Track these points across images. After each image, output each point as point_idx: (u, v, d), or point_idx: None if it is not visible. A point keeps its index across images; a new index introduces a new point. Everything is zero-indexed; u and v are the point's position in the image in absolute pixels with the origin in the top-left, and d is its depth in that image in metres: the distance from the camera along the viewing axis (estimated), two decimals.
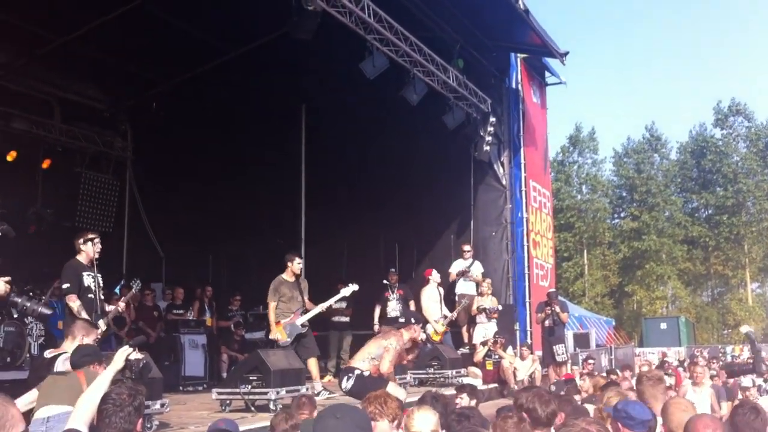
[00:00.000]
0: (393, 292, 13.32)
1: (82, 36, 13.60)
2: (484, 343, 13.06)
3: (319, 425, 2.84)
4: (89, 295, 7.75)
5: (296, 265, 10.47)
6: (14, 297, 5.38)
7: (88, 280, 7.81)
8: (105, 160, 17.01)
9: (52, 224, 15.03)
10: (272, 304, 10.27)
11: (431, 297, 12.79)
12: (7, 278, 4.56)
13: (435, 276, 12.86)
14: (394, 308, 13.26)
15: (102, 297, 8.04)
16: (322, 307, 10.40)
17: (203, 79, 15.66)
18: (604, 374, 12.58)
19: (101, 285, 8.00)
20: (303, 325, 10.16)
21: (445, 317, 12.87)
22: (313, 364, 10.22)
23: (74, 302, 7.56)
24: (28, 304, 6.14)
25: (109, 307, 8.28)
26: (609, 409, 4.80)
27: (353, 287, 10.68)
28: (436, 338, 12.64)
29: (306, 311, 10.27)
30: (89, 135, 16.51)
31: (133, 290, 9.36)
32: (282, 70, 14.73)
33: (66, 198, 15.87)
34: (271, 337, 10.42)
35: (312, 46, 11.26)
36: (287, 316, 10.20)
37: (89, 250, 7.89)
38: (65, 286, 7.69)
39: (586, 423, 3.12)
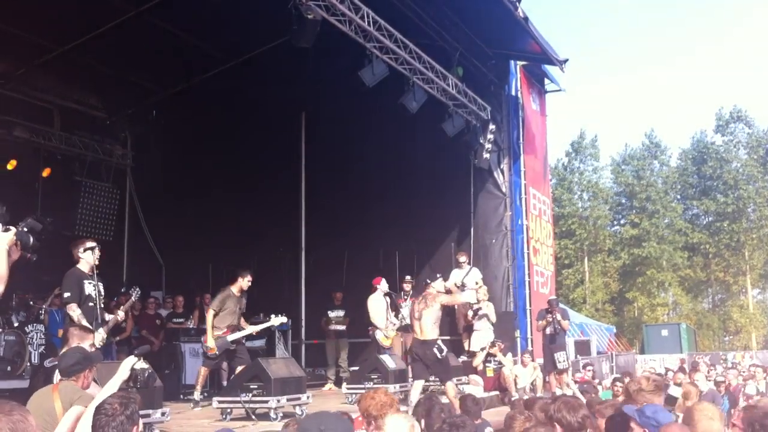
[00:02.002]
0: (406, 300, 13.22)
1: (82, 45, 13.64)
2: (483, 349, 13.04)
3: None
4: (90, 304, 7.74)
5: (246, 282, 10.58)
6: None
7: (88, 288, 7.79)
8: (105, 168, 17.02)
9: (51, 233, 14.99)
10: (212, 312, 10.35)
11: (378, 305, 12.69)
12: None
13: (383, 285, 12.72)
14: (406, 316, 13.15)
15: (102, 305, 8.03)
16: (248, 330, 10.68)
17: (203, 87, 15.69)
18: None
19: (102, 293, 7.99)
20: (232, 342, 10.26)
21: (393, 324, 12.74)
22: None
23: (74, 311, 7.55)
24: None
25: (109, 316, 8.27)
26: (631, 412, 4.74)
27: (282, 318, 11.02)
28: (387, 343, 12.52)
29: (238, 329, 10.40)
30: (89, 143, 16.54)
31: (133, 298, 9.35)
32: (281, 78, 14.75)
33: (66, 206, 15.87)
34: (204, 345, 10.43)
35: (312, 54, 11.30)
36: (221, 329, 10.27)
37: (89, 258, 7.89)
38: (66, 295, 7.68)
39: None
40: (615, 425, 4.88)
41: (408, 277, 13.65)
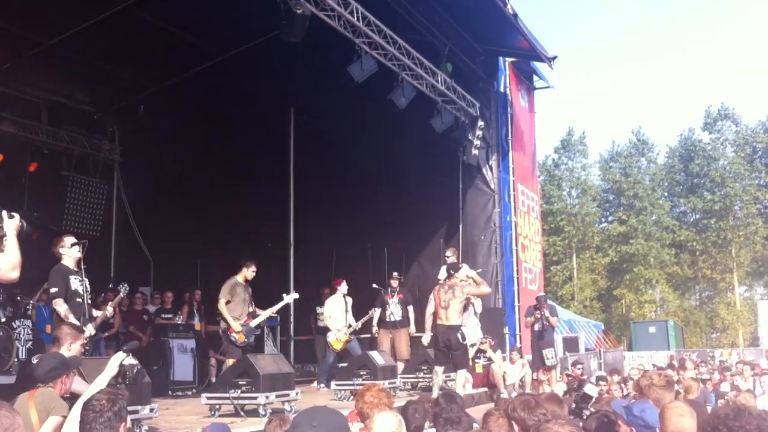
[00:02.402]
0: (393, 296, 13.23)
1: (70, 39, 13.54)
2: (472, 345, 13.05)
3: None
4: (77, 299, 7.69)
5: (250, 272, 10.91)
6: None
7: (75, 283, 7.74)
8: (92, 163, 16.91)
9: (39, 228, 14.91)
10: (222, 301, 10.64)
11: (337, 306, 12.70)
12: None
13: (343, 287, 12.74)
14: (394, 312, 13.15)
15: (90, 301, 7.98)
16: (267, 313, 10.99)
17: (191, 82, 15.63)
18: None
19: (89, 289, 7.94)
20: (256, 328, 10.72)
21: (350, 326, 12.74)
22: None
23: (61, 306, 7.50)
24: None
25: (96, 313, 8.22)
26: (618, 408, 4.73)
27: (294, 295, 11.33)
28: (337, 346, 12.52)
29: (255, 315, 10.80)
30: (76, 138, 16.43)
31: (121, 294, 9.30)
32: (270, 73, 14.73)
33: (53, 201, 15.78)
34: (230, 333, 10.57)
35: (301, 49, 11.27)
36: (242, 318, 10.58)
37: (74, 253, 7.83)
38: (53, 290, 7.62)
39: (559, 425, 3.09)
40: (602, 424, 4.88)
41: (395, 274, 13.64)
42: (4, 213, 4.70)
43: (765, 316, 38.70)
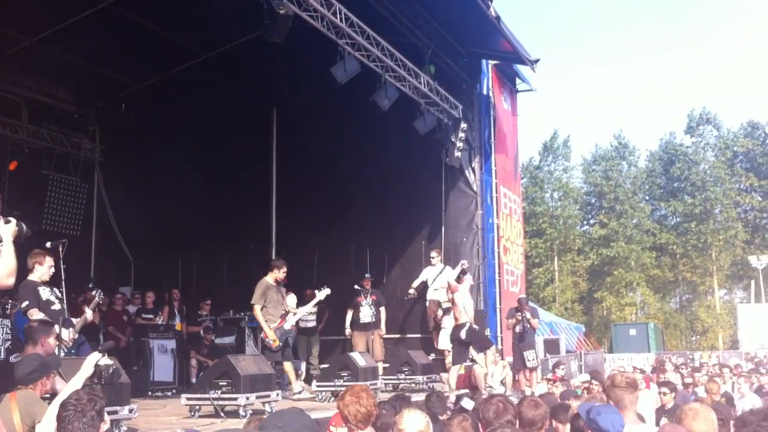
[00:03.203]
0: (366, 297, 13.29)
1: (51, 36, 13.47)
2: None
3: None
4: (52, 307, 7.68)
5: (281, 273, 10.78)
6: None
7: (45, 293, 7.74)
8: (73, 162, 16.82)
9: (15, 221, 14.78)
10: (258, 307, 10.52)
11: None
12: None
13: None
14: (366, 313, 13.23)
15: (65, 307, 7.93)
16: (302, 311, 11.06)
17: (174, 81, 15.58)
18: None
19: (60, 296, 7.91)
20: (290, 328, 10.61)
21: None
22: (288, 366, 10.76)
23: (36, 315, 7.49)
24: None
25: (75, 320, 8.18)
26: (582, 410, 4.71)
27: (326, 291, 11.07)
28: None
29: (289, 315, 10.72)
30: (57, 136, 16.34)
31: (96, 299, 9.24)
32: (253, 73, 14.69)
33: (33, 200, 15.66)
34: (265, 339, 10.58)
35: (284, 49, 11.24)
36: (275, 321, 10.50)
37: (44, 274, 7.82)
38: (24, 304, 7.64)
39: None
40: (577, 427, 4.89)
41: (367, 275, 13.70)
42: (0, 218, 4.66)
43: (744, 320, 39.07)
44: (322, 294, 11.04)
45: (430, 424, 4.14)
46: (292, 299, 12.05)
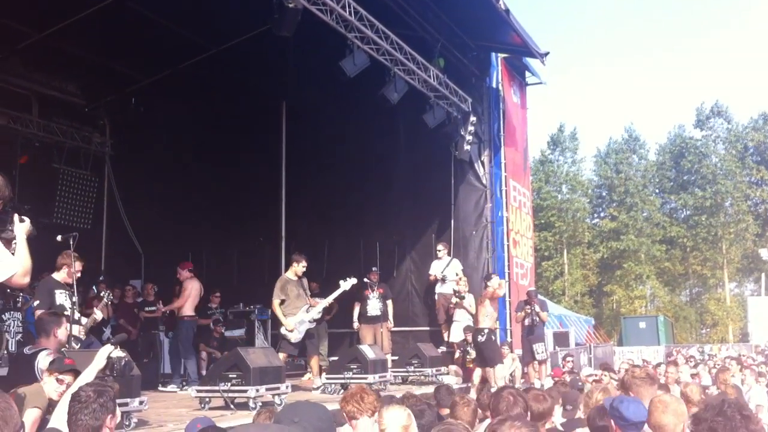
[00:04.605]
0: (373, 291, 13.32)
1: (62, 31, 13.51)
2: (459, 346, 13.17)
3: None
4: (64, 313, 7.72)
5: (300, 267, 10.87)
6: None
7: (60, 298, 7.80)
8: (83, 156, 16.90)
9: (29, 220, 14.89)
10: (276, 302, 10.63)
11: None
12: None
13: None
14: (374, 306, 13.25)
15: (77, 316, 7.95)
16: (325, 302, 11.01)
17: (183, 75, 15.61)
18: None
19: (75, 303, 7.95)
20: (311, 321, 10.63)
21: None
22: (315, 361, 10.98)
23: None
24: None
25: (84, 320, 8.22)
26: (606, 402, 4.73)
27: (352, 281, 11.12)
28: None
29: (311, 307, 10.74)
30: (67, 130, 16.41)
31: (105, 300, 9.28)
32: (262, 67, 14.70)
33: (44, 194, 15.74)
34: (283, 333, 10.63)
35: (293, 43, 11.25)
36: (295, 314, 10.57)
37: (68, 277, 7.87)
38: (36, 303, 7.73)
39: (515, 429, 3.11)
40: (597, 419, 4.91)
41: (374, 269, 13.72)
42: (15, 216, 4.69)
43: (755, 312, 38.95)
44: (347, 284, 11.03)
45: (413, 418, 4.16)
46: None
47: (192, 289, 11.75)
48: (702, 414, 3.53)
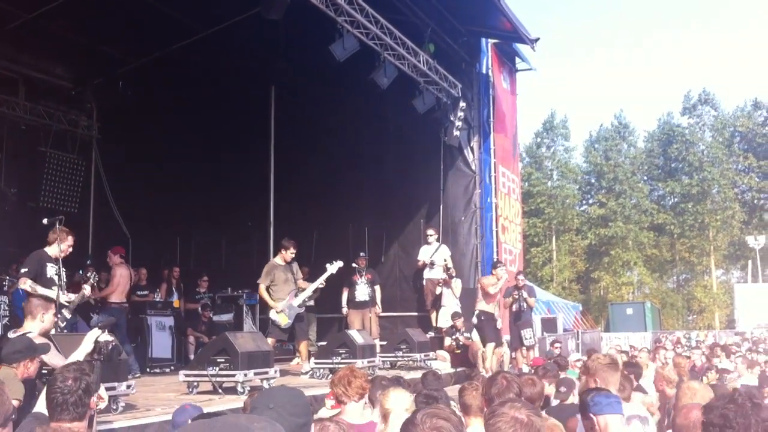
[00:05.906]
0: (361, 276, 13.33)
1: (49, 13, 13.37)
2: (447, 333, 13.21)
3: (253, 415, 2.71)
4: (52, 287, 7.68)
5: (289, 253, 10.83)
6: None
7: (50, 271, 7.74)
8: (70, 139, 16.79)
9: (16, 204, 14.83)
10: (262, 286, 10.62)
11: None
12: None
13: None
14: (362, 292, 13.27)
15: (64, 291, 7.92)
16: (314, 285, 10.84)
17: (172, 58, 15.50)
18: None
19: (65, 280, 7.92)
20: (299, 306, 10.54)
21: None
22: (304, 346, 10.94)
23: (25, 283, 7.53)
24: None
25: (71, 296, 8.16)
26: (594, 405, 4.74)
27: (338, 264, 11.04)
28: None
29: (300, 291, 10.67)
30: (54, 113, 16.28)
31: (91, 281, 9.23)
32: (252, 50, 14.62)
33: (30, 177, 15.64)
34: (272, 318, 10.56)
35: (282, 27, 11.18)
36: (283, 298, 10.52)
37: (59, 251, 7.82)
38: (23, 270, 7.68)
39: (515, 410, 3.12)
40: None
41: (362, 254, 13.72)
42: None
43: (741, 299, 39.19)
44: (334, 267, 10.97)
45: (414, 403, 4.17)
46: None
47: (120, 276, 11.54)
48: (713, 402, 3.57)
